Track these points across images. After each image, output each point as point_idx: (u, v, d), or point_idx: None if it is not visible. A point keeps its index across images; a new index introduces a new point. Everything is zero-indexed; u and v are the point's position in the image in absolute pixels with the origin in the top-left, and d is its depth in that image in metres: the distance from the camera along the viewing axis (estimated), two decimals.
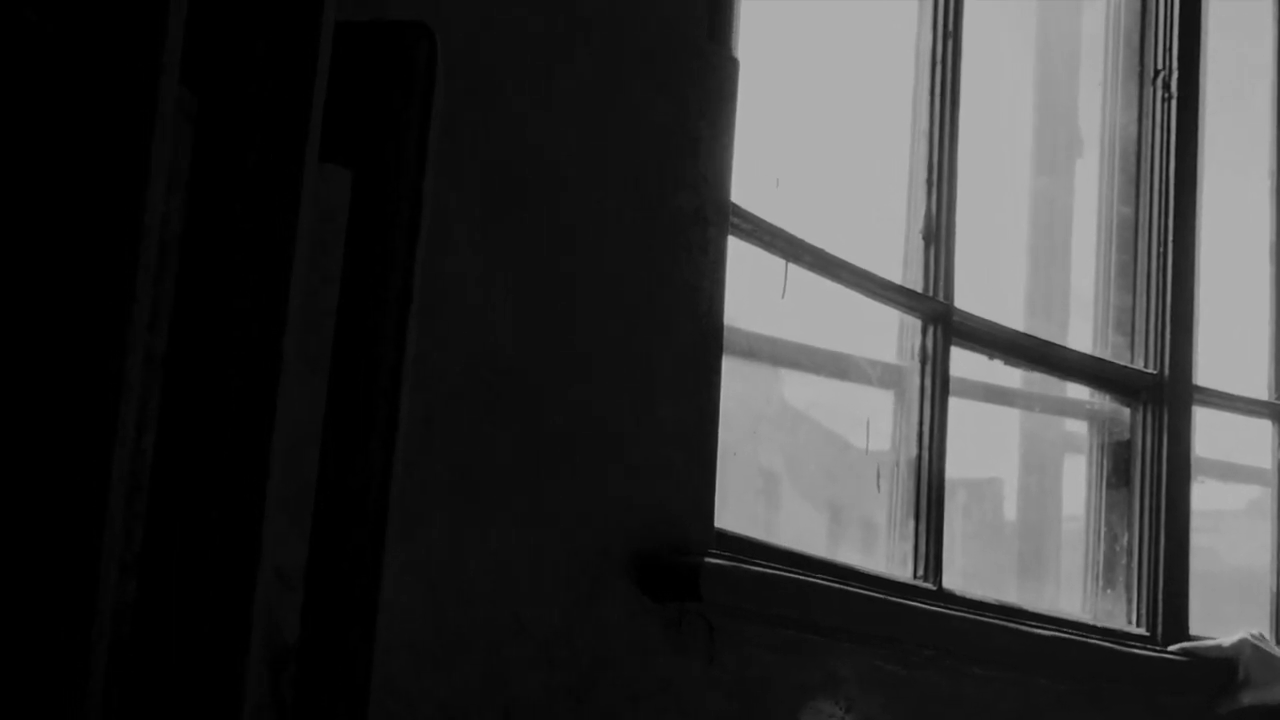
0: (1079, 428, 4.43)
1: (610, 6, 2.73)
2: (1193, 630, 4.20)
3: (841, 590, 3.14)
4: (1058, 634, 3.76)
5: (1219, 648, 4.01)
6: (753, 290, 3.43)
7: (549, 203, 2.60)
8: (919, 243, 3.79)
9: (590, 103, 2.68)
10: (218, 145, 1.65)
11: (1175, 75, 4.37)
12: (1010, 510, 4.71)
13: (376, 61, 1.87)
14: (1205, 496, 4.61)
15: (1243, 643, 4.01)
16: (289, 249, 1.65)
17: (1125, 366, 4.27)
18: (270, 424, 1.63)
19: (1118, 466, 4.27)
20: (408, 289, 1.86)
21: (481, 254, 2.45)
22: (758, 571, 2.93)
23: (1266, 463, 4.77)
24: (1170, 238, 4.31)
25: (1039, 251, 4.52)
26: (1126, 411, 4.29)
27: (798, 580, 3.03)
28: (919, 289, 3.75)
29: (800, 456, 4.28)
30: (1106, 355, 4.30)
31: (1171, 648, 4.05)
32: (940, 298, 3.76)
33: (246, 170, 1.65)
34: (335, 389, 1.83)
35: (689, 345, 2.87)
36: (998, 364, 4.09)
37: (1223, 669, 3.99)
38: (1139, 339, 4.30)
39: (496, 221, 2.48)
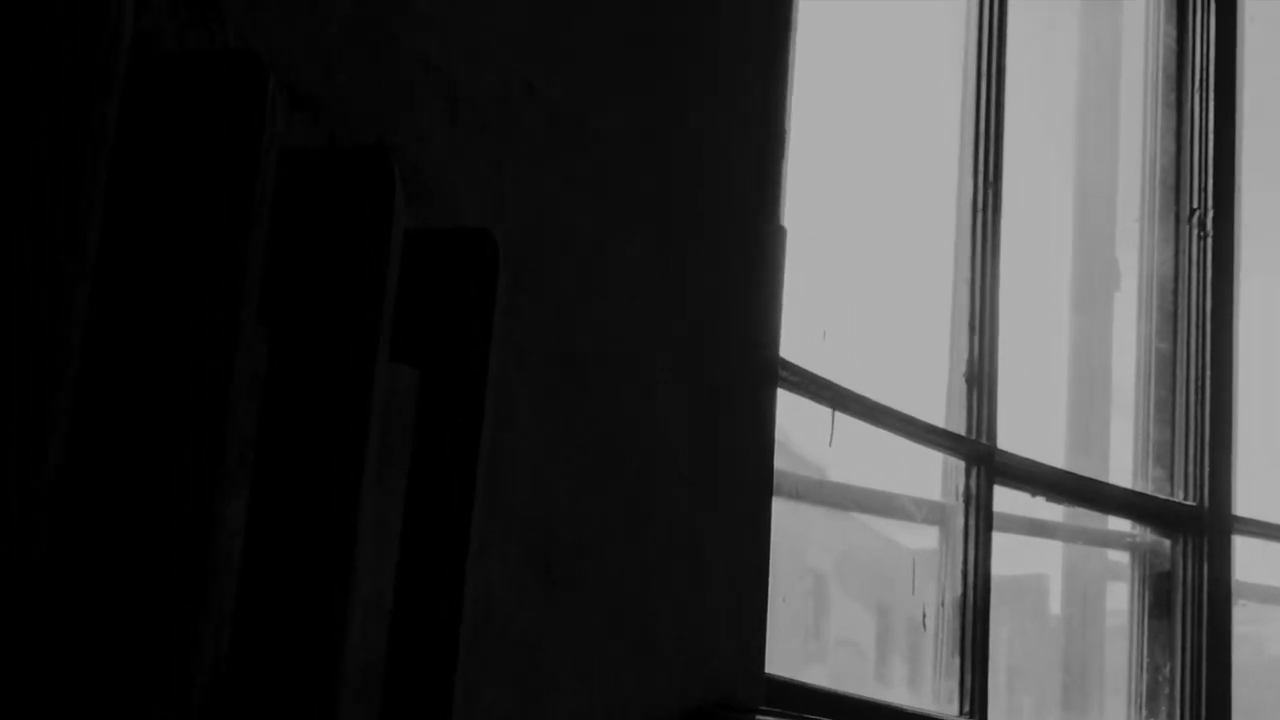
0: (1121, 557, 4.50)
1: (664, 187, 2.82)
2: None
3: None
4: None
5: None
6: (802, 435, 3.52)
7: (605, 377, 2.68)
8: (961, 385, 3.88)
9: (645, 279, 2.77)
10: (292, 355, 1.73)
11: (1210, 214, 4.46)
12: (1055, 605, 4.76)
13: (443, 266, 1.95)
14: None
15: None
16: (360, 451, 1.73)
17: (1165, 499, 4.35)
18: (344, 618, 1.70)
19: (1159, 597, 4.34)
20: (470, 484, 1.94)
21: (540, 428, 2.53)
22: None
23: None
24: (1207, 372, 4.40)
25: (1079, 387, 4.60)
26: (1167, 543, 4.36)
27: None
28: (962, 431, 3.84)
29: (849, 558, 4.34)
30: (1147, 488, 4.37)
31: None
32: (983, 439, 3.85)
33: (319, 377, 1.73)
34: (403, 571, 1.91)
35: (740, 504, 2.95)
36: (1040, 499, 4.17)
37: None
38: (1178, 472, 4.38)
39: (555, 398, 2.57)
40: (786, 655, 3.32)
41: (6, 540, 1.27)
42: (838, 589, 4.43)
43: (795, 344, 3.30)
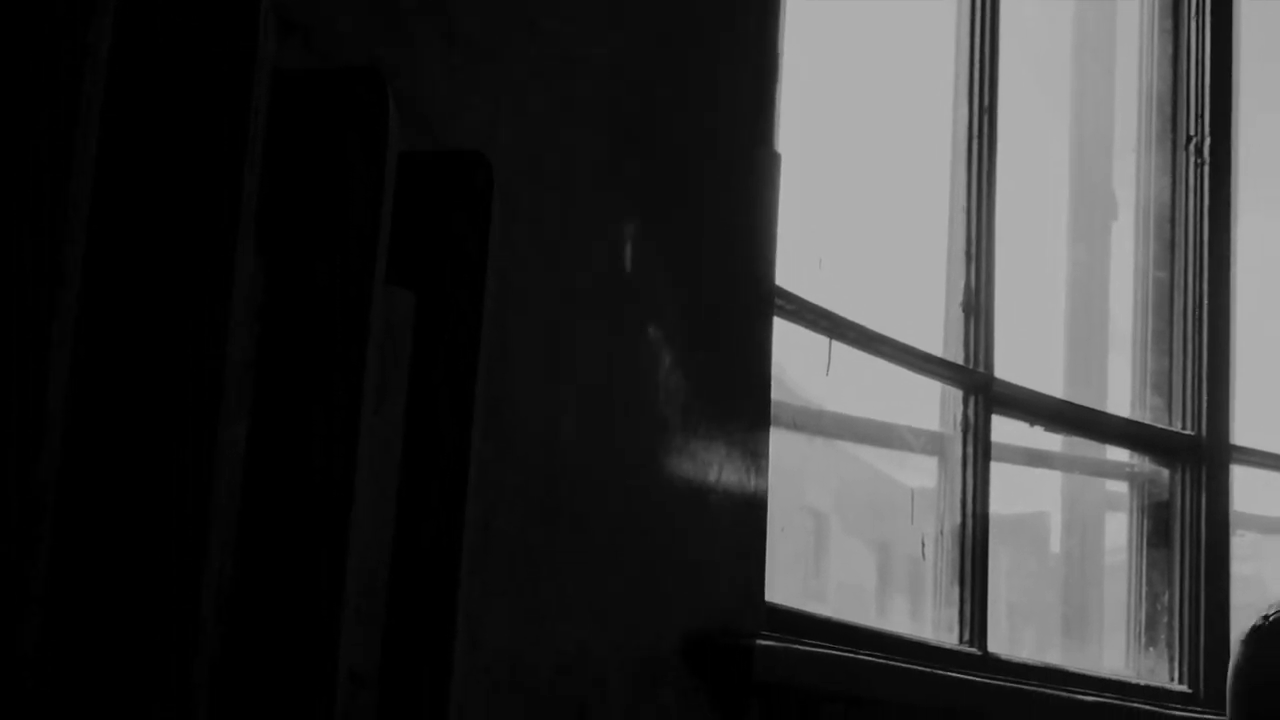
0: (1120, 487, 4.52)
1: (659, 114, 2.82)
2: None
3: (888, 666, 3.23)
4: (1101, 699, 3.84)
5: None
6: (798, 366, 3.53)
7: (601, 306, 2.68)
8: (959, 315, 3.88)
9: (641, 207, 2.77)
10: (289, 278, 1.73)
11: (1208, 141, 4.46)
12: (1055, 543, 4.78)
13: (436, 190, 1.94)
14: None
15: None
16: (359, 369, 1.73)
17: (1163, 429, 4.35)
18: (344, 541, 1.71)
19: (1158, 526, 4.35)
20: (469, 405, 1.94)
21: (539, 359, 2.54)
22: (807, 652, 3.02)
23: None
24: (1205, 301, 4.39)
25: (1077, 316, 4.60)
26: (1165, 472, 4.37)
27: (845, 659, 3.12)
28: (960, 360, 3.84)
29: (848, 495, 4.35)
30: (1145, 418, 4.38)
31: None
32: (980, 369, 3.85)
33: (317, 299, 1.73)
34: (404, 494, 1.91)
35: (738, 433, 2.96)
36: (1039, 429, 4.18)
37: None
38: (1176, 401, 4.39)
39: (552, 328, 2.57)
40: (787, 593, 3.32)
41: (16, 460, 1.27)
42: (838, 527, 4.44)
43: (791, 272, 3.30)
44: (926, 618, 3.81)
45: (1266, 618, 3.12)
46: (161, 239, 1.53)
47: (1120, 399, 4.46)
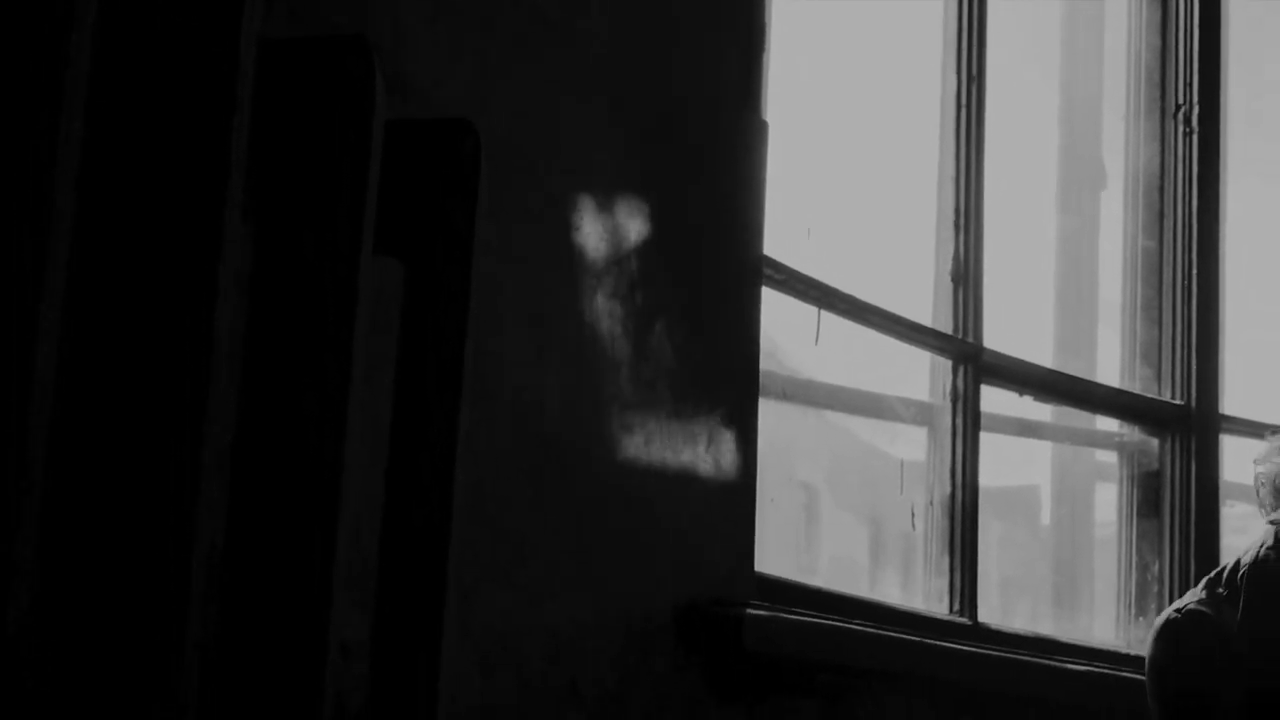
0: (1109, 457, 4.51)
1: (646, 83, 2.81)
2: None
3: (878, 635, 3.22)
4: (1090, 668, 3.83)
5: None
6: (787, 336, 3.52)
7: (590, 277, 2.68)
8: (948, 284, 3.87)
9: (629, 176, 2.76)
10: (277, 248, 1.72)
11: (1196, 110, 4.44)
12: (1047, 516, 4.77)
13: (424, 158, 1.93)
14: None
15: None
16: (348, 337, 1.72)
17: (1152, 399, 4.34)
18: (334, 512, 1.70)
19: (1147, 496, 4.35)
20: (457, 376, 1.93)
21: (529, 330, 2.53)
22: (796, 621, 3.01)
23: None
24: (1193, 270, 4.38)
25: (1066, 286, 4.59)
26: (1155, 442, 4.36)
27: (834, 628, 3.11)
28: (949, 330, 3.83)
29: (840, 469, 4.34)
30: (1134, 387, 4.37)
31: None
32: (970, 339, 3.84)
33: (305, 269, 1.72)
34: (393, 466, 1.91)
35: (727, 403, 2.95)
36: (1028, 399, 4.17)
37: None
38: (1165, 370, 4.38)
39: (542, 298, 2.56)
40: (780, 567, 3.32)
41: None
42: (829, 501, 4.43)
43: (780, 242, 3.28)
44: (917, 589, 3.81)
45: (1179, 611, 3.12)
46: (151, 205, 1.52)
47: (1110, 369, 4.45)
